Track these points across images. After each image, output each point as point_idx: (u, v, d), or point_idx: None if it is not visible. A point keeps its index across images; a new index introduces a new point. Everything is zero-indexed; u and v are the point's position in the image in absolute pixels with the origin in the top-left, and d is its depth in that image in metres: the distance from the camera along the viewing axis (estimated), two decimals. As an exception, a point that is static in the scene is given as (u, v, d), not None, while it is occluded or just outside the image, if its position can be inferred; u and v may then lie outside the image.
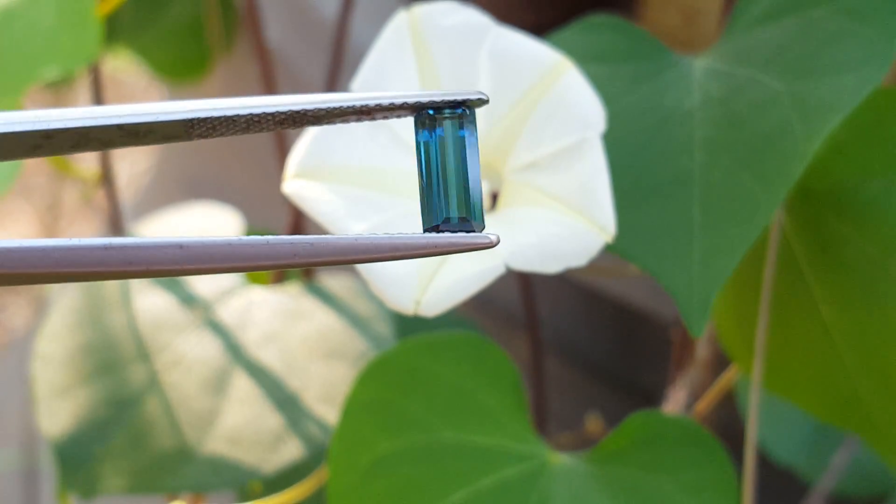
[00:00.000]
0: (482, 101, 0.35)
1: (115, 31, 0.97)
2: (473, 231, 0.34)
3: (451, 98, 0.34)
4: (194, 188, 1.02)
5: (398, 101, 0.34)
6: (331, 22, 0.83)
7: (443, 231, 0.34)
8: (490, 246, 0.34)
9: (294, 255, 0.32)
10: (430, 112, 0.35)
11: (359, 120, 0.35)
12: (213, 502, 0.67)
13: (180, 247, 0.31)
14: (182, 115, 0.34)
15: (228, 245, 0.32)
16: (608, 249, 0.50)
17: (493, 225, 0.48)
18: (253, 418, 0.60)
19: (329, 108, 0.34)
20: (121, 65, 1.58)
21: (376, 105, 0.34)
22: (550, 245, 0.47)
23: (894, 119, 0.55)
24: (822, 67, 0.51)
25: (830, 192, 0.55)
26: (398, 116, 0.35)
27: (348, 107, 0.34)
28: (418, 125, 0.35)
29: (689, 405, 0.64)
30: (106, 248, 0.31)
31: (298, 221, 0.65)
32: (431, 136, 0.35)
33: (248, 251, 0.32)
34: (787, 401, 0.60)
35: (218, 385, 0.61)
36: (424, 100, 0.35)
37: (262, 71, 0.66)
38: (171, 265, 0.31)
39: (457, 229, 0.34)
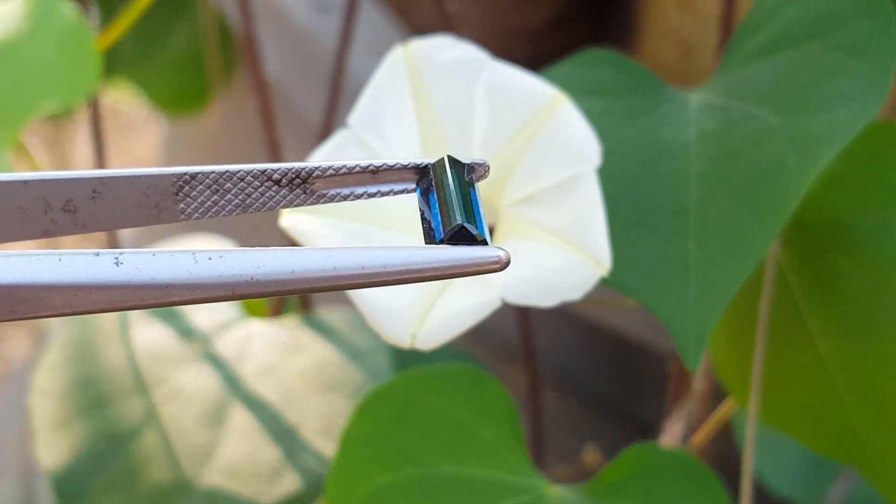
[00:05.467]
0: (486, 170, 0.34)
1: (115, 63, 0.97)
2: (478, 244, 0.32)
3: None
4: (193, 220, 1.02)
5: (406, 163, 0.34)
6: (329, 55, 0.83)
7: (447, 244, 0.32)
8: (498, 265, 0.32)
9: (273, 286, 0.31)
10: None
11: (362, 184, 0.35)
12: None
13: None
14: (172, 172, 0.34)
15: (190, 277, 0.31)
16: (604, 283, 0.50)
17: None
18: (250, 451, 0.60)
19: (334, 168, 0.34)
20: (120, 97, 1.58)
21: (383, 167, 0.34)
22: (546, 279, 0.48)
23: (889, 153, 0.55)
24: (817, 102, 0.51)
25: (826, 226, 0.55)
26: (403, 180, 0.35)
27: (352, 168, 0.34)
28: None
29: (686, 437, 0.64)
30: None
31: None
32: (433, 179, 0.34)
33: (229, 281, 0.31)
34: (784, 433, 0.60)
35: (216, 418, 0.61)
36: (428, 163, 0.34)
37: (260, 103, 0.67)
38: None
39: (460, 242, 0.32)
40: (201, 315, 0.65)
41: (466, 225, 0.33)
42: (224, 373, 0.62)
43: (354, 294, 0.47)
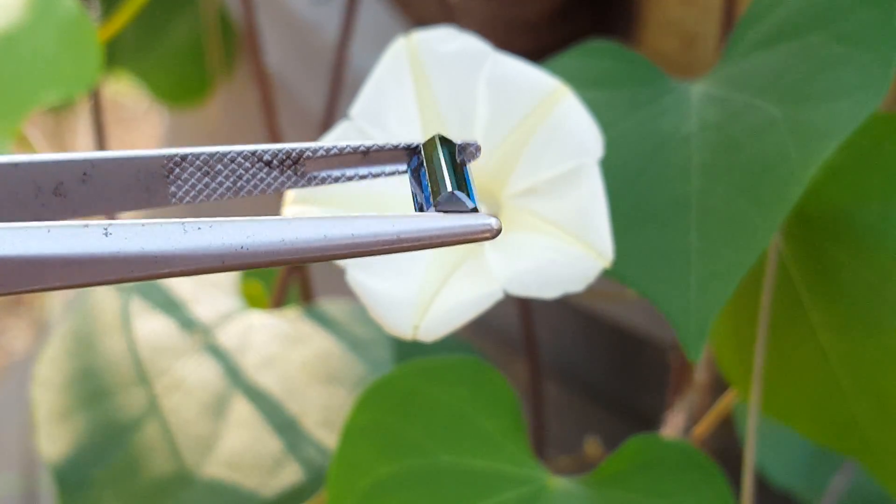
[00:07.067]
0: (477, 149, 0.34)
1: (116, 54, 0.97)
2: (468, 211, 0.32)
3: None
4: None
5: (396, 144, 0.34)
6: (331, 46, 0.83)
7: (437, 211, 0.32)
8: (489, 233, 0.32)
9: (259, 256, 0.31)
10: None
11: (353, 165, 0.35)
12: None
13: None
14: (162, 154, 0.34)
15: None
16: (606, 274, 0.50)
17: (491, 250, 0.48)
18: (252, 442, 0.60)
19: (325, 149, 0.34)
20: (122, 88, 1.58)
21: (373, 148, 0.34)
22: (548, 271, 0.47)
23: (891, 144, 0.55)
24: (819, 93, 0.51)
25: (827, 217, 0.55)
26: (394, 161, 0.34)
27: (342, 150, 0.34)
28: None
29: (688, 429, 0.64)
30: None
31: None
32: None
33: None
34: (785, 425, 0.60)
35: (217, 409, 0.61)
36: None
37: (261, 95, 0.67)
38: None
39: (451, 210, 0.32)
40: (203, 306, 0.65)
41: (457, 192, 0.32)
42: (225, 364, 0.62)
43: (356, 285, 0.47)
